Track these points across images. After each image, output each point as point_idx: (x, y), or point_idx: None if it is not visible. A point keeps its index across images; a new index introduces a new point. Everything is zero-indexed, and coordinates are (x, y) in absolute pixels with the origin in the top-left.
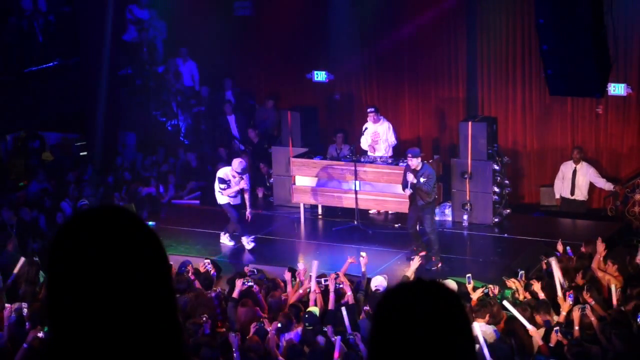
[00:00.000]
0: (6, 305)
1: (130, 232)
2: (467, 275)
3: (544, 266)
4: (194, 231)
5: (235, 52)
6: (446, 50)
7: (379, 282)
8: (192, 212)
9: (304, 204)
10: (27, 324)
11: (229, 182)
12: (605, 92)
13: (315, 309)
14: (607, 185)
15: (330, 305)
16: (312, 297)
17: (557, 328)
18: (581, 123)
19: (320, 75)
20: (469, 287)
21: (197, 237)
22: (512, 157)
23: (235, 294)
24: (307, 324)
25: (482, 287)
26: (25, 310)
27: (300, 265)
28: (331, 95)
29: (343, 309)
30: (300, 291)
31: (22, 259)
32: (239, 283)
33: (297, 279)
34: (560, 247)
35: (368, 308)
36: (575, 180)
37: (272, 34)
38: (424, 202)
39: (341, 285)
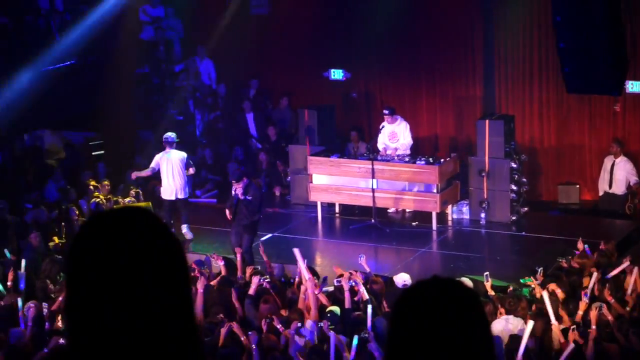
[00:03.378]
0: (30, 303)
1: (149, 233)
2: (485, 273)
3: (564, 264)
4: (210, 230)
5: (252, 50)
6: (463, 48)
7: (403, 279)
8: (208, 211)
9: (321, 203)
10: (46, 323)
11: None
12: (623, 90)
13: (336, 308)
14: (635, 184)
15: (347, 304)
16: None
17: (574, 326)
18: (599, 120)
19: (337, 74)
20: (487, 285)
21: (214, 236)
22: (529, 155)
23: (251, 291)
24: (330, 324)
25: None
26: (45, 310)
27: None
28: (348, 94)
29: (369, 307)
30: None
31: None
32: (255, 280)
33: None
34: (580, 246)
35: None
36: (613, 174)
37: (288, 32)
38: (247, 222)
39: (353, 283)
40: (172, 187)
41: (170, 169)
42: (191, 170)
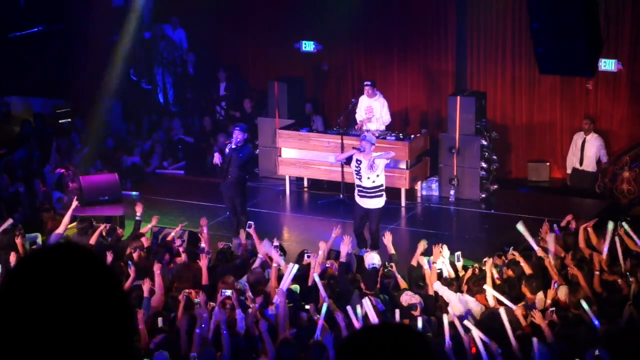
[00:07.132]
0: None
1: (84, 274)
2: (457, 253)
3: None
4: (178, 202)
5: (224, 21)
6: (436, 22)
7: (372, 260)
8: (175, 183)
9: (289, 176)
10: None
11: None
12: (596, 69)
13: (296, 287)
14: (605, 161)
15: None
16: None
17: (553, 309)
18: (570, 98)
19: (308, 45)
20: (459, 265)
21: (182, 208)
22: (500, 133)
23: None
24: (288, 302)
25: (472, 266)
26: None
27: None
28: (319, 66)
29: (315, 274)
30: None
31: None
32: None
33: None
34: (544, 229)
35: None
36: (584, 150)
37: (261, 3)
38: (234, 179)
39: (330, 265)
40: None
41: None
42: None
